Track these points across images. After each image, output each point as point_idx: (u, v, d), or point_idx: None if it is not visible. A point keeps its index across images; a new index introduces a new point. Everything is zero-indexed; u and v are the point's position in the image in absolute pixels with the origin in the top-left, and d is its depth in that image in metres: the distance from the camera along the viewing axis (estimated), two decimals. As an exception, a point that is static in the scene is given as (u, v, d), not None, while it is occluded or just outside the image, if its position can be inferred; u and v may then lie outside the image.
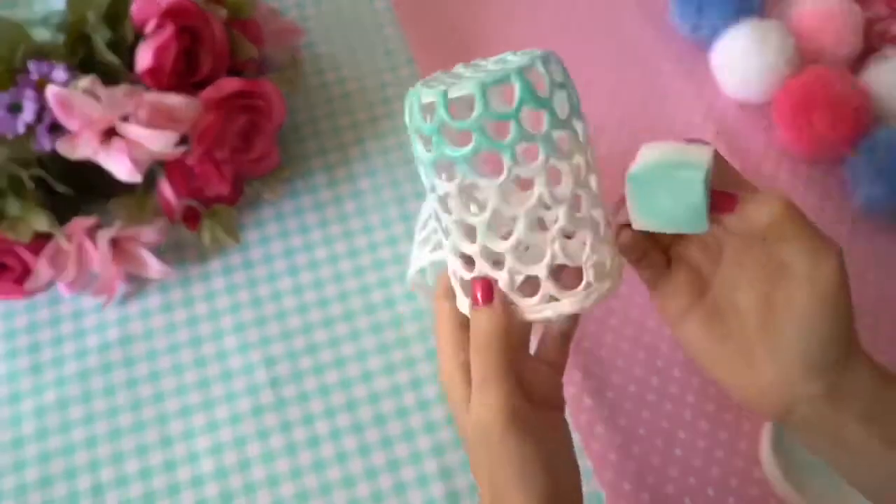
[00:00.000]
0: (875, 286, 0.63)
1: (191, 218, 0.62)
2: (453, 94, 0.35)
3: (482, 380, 0.38)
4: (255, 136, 0.64)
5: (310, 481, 0.56)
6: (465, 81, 0.36)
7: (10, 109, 0.55)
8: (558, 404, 0.42)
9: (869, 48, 0.70)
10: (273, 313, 0.62)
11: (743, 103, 0.71)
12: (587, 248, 0.38)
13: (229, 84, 0.59)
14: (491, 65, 0.39)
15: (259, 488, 0.56)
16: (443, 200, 0.39)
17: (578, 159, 0.38)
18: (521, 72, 0.35)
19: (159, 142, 0.54)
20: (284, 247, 0.65)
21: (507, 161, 0.36)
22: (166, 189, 0.60)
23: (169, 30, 0.58)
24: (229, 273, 0.64)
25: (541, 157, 0.36)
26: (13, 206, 0.58)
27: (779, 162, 0.68)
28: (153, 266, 0.61)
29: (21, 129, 0.55)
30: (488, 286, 0.38)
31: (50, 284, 0.62)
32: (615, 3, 0.77)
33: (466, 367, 0.40)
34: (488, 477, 0.38)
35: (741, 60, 0.67)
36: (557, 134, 0.37)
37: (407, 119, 0.38)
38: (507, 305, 0.38)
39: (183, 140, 0.58)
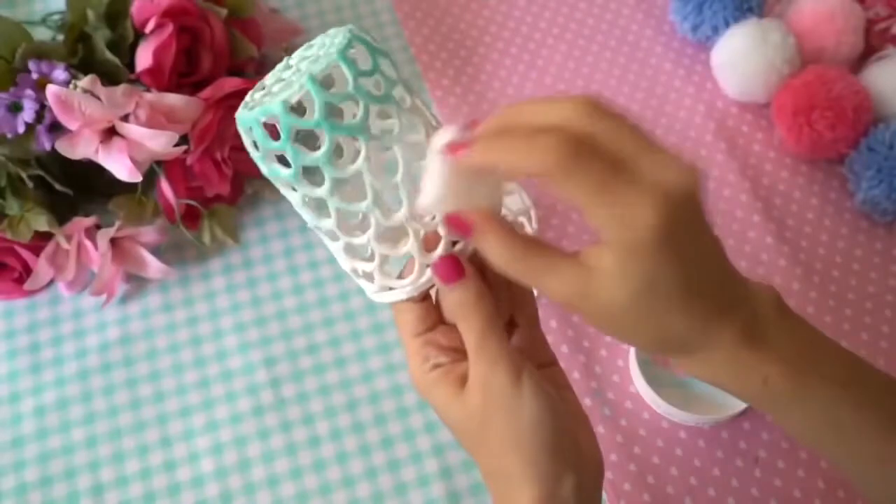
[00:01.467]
0: (875, 285, 0.63)
1: (190, 217, 0.62)
2: (293, 99, 0.34)
3: (479, 341, 0.36)
4: (255, 136, 0.64)
5: (310, 481, 0.56)
6: (292, 83, 0.34)
7: (10, 109, 0.55)
8: (545, 360, 0.41)
9: (869, 48, 0.70)
10: (273, 313, 0.62)
11: (743, 103, 0.71)
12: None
13: (229, 83, 0.59)
14: (298, 61, 0.37)
15: (259, 488, 0.56)
16: (321, 206, 0.37)
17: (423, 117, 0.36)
18: (343, 52, 0.34)
19: (159, 141, 0.54)
20: (284, 246, 0.65)
21: (363, 142, 0.35)
22: (166, 189, 0.60)
23: (168, 29, 0.58)
24: (229, 272, 0.64)
25: (396, 126, 0.35)
26: (13, 206, 0.58)
27: (779, 161, 0.68)
28: (153, 266, 0.61)
29: (21, 128, 0.55)
30: (456, 263, 0.36)
31: (50, 284, 0.62)
32: (615, 2, 0.77)
33: (440, 368, 0.38)
34: (508, 438, 0.36)
35: (741, 60, 0.67)
36: (400, 94, 0.36)
37: (252, 147, 0.36)
38: (474, 272, 0.37)
39: (183, 139, 0.58)
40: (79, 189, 0.60)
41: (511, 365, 0.36)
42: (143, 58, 0.58)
